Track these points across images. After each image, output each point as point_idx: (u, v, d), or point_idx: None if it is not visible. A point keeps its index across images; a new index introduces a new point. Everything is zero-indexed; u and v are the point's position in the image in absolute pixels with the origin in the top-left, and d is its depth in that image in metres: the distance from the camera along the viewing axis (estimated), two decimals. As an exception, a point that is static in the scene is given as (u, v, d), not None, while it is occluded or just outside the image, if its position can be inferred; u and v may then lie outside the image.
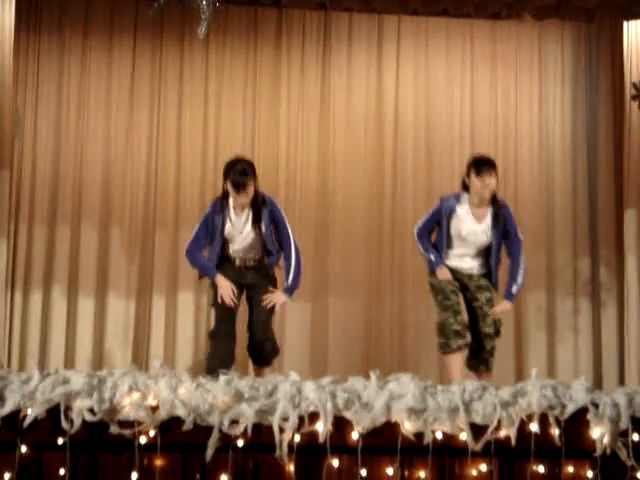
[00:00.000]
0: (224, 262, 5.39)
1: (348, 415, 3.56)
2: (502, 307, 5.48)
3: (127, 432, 3.47)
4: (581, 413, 3.66)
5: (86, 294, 7.05)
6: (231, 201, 5.40)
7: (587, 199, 7.44)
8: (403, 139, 7.46)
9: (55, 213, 7.11)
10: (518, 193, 7.44)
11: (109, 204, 7.17)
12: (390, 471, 3.55)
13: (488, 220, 5.45)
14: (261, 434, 3.53)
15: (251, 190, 5.32)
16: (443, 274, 5.41)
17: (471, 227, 5.45)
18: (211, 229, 5.40)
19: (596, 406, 3.71)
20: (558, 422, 3.59)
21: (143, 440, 3.48)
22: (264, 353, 5.38)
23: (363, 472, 3.54)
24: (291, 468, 3.52)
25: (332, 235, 7.30)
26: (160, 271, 7.12)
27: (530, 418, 3.58)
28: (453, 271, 5.48)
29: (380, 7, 7.10)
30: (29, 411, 3.43)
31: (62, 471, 3.42)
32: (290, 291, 5.34)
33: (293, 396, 3.56)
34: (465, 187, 5.51)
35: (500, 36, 7.53)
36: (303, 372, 4.95)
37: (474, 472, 3.56)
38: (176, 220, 7.18)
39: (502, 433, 3.54)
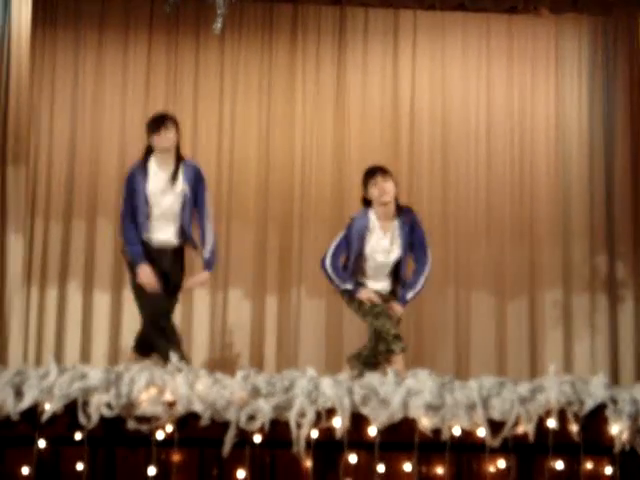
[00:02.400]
0: None
1: (365, 411, 3.55)
2: (395, 308, 5.35)
3: (144, 427, 3.47)
4: (600, 409, 3.64)
5: (102, 289, 7.06)
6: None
7: (604, 195, 7.40)
8: (419, 135, 7.44)
9: (71, 208, 7.12)
10: (534, 189, 7.41)
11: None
12: (408, 467, 3.54)
13: (396, 232, 5.35)
14: (278, 430, 3.52)
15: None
16: (366, 294, 5.27)
17: (381, 244, 5.34)
18: None
19: (615, 402, 3.68)
20: (577, 418, 3.57)
21: (160, 435, 3.48)
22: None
23: (381, 468, 3.53)
24: (308, 464, 3.51)
25: (348, 230, 7.28)
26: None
27: (548, 414, 3.56)
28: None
29: (396, 2, 7.08)
30: (47, 406, 3.43)
31: (80, 466, 3.43)
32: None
33: (310, 392, 3.55)
34: (366, 203, 5.39)
35: (517, 30, 7.50)
36: (319, 368, 4.96)
37: (492, 468, 3.54)
38: (191, 215, 7.18)
39: (520, 429, 3.53)
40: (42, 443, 3.43)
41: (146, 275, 5.10)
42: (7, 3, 6.92)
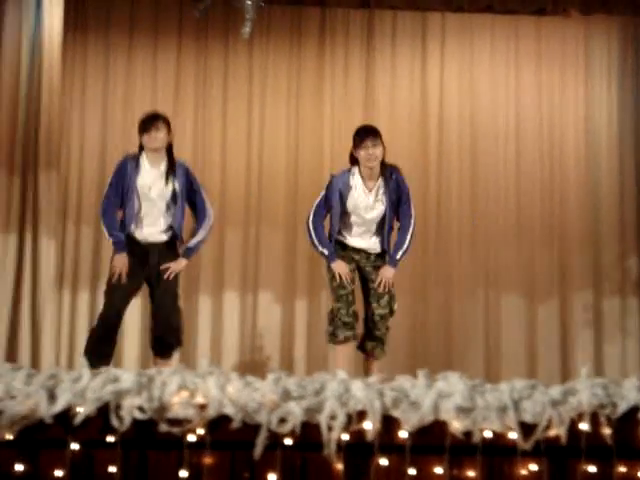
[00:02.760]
0: None
1: (396, 414, 3.53)
2: (384, 272, 5.31)
3: (176, 430, 3.48)
4: (633, 412, 3.61)
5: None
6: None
7: (635, 197, 7.37)
8: (447, 137, 7.44)
9: (102, 212, 7.17)
10: (564, 191, 7.39)
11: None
12: (439, 470, 3.53)
13: (380, 190, 5.33)
14: (309, 432, 3.52)
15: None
16: (340, 268, 5.27)
17: (364, 201, 5.32)
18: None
19: (648, 405, 3.66)
20: (609, 421, 3.54)
21: (192, 438, 3.49)
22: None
23: (411, 471, 3.52)
24: (339, 467, 3.50)
25: (377, 234, 7.28)
26: (206, 270, 7.16)
27: (581, 417, 3.54)
28: (352, 250, 5.36)
29: (424, 5, 7.09)
30: (80, 409, 3.45)
31: (112, 469, 3.44)
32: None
33: (341, 395, 3.54)
34: (353, 161, 5.37)
35: (545, 32, 7.48)
36: (349, 370, 4.96)
37: (524, 472, 3.52)
38: (221, 219, 7.19)
39: (552, 432, 3.50)
40: (75, 446, 3.45)
41: (121, 264, 5.17)
42: (39, 8, 6.99)
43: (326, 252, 5.32)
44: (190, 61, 7.36)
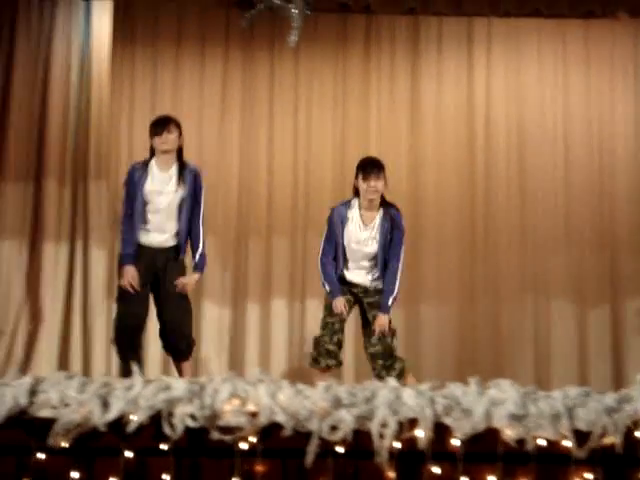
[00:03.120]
0: None
1: (448, 421, 3.51)
2: (379, 322, 5.37)
3: (228, 438, 3.50)
4: (689, 419, 3.56)
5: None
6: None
7: (689, 199, 7.25)
8: (495, 142, 7.39)
9: (149, 222, 7.22)
10: (614, 195, 7.31)
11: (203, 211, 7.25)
12: (491, 478, 3.50)
13: (376, 227, 5.40)
14: (360, 440, 3.51)
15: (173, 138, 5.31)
16: (337, 307, 5.37)
17: (359, 235, 5.39)
18: None
19: None
20: (665, 429, 3.49)
21: (244, 446, 3.50)
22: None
23: (464, 479, 3.50)
24: (391, 475, 3.49)
25: (424, 240, 7.26)
26: (254, 277, 7.18)
27: (636, 425, 3.49)
28: (350, 284, 5.45)
29: (471, 10, 7.02)
30: (133, 417, 3.48)
31: (166, 476, 3.47)
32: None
33: (392, 402, 3.53)
34: (357, 192, 5.46)
35: (594, 35, 7.40)
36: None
37: (578, 480, 3.49)
38: (269, 227, 7.24)
39: (607, 440, 3.46)
40: (129, 454, 3.48)
41: (130, 277, 5.23)
42: (88, 20, 7.09)
43: (328, 289, 5.43)
44: (237, 69, 7.39)
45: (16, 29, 6.93)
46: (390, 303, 5.39)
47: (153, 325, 5.60)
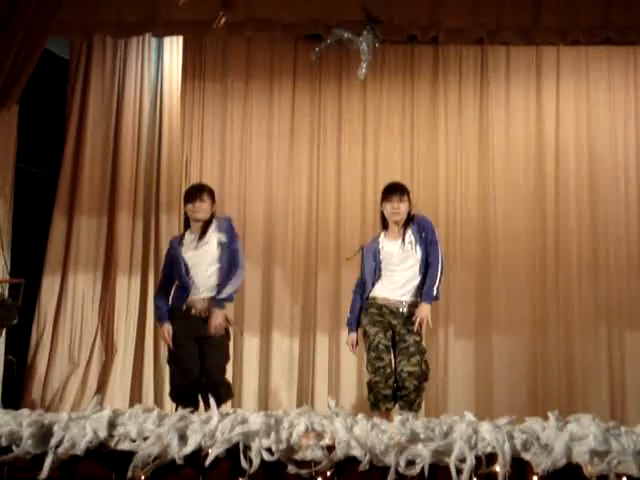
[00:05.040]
0: None
1: (527, 457, 3.45)
2: (420, 312, 5.25)
3: (304, 472, 3.49)
4: None
5: (251, 332, 7.19)
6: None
7: None
8: (565, 171, 7.32)
9: (221, 254, 7.28)
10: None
11: (272, 244, 7.31)
12: (573, 515, 3.43)
13: (407, 236, 5.38)
14: (438, 475, 3.47)
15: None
16: (350, 342, 5.46)
17: (390, 248, 5.39)
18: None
19: None
20: None
21: (320, 480, 3.49)
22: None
23: (544, 516, 3.44)
24: (469, 510, 3.44)
25: (494, 270, 7.20)
26: (323, 309, 7.19)
27: None
28: (382, 305, 5.33)
29: (539, 39, 6.94)
30: (210, 450, 3.49)
31: (243, 510, 3.47)
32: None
33: (470, 436, 3.48)
34: (385, 224, 5.49)
35: (664, 62, 7.31)
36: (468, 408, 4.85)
37: (662, 518, 3.40)
38: (337, 258, 7.25)
39: (693, 477, 3.37)
40: (206, 487, 3.50)
41: (165, 333, 5.36)
42: (160, 56, 7.23)
43: (347, 320, 5.54)
44: (305, 102, 7.46)
45: (90, 67, 7.08)
46: (435, 293, 5.28)
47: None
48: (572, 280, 7.17)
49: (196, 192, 5.45)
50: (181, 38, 7.27)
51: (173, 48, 7.26)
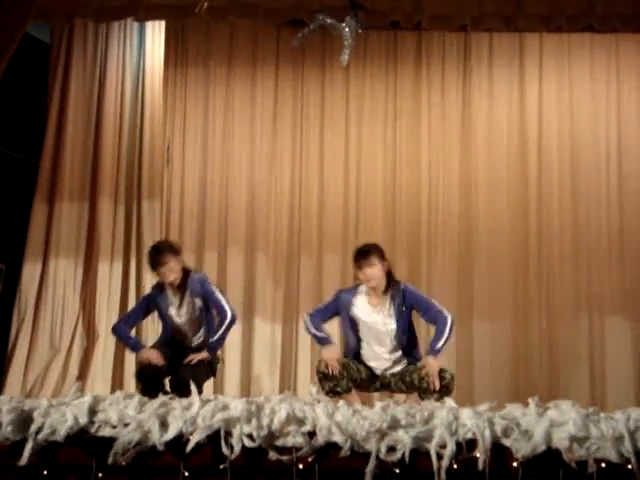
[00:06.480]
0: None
1: (507, 443, 3.47)
2: (430, 367, 4.85)
3: (285, 458, 3.49)
4: None
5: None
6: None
7: None
8: (547, 158, 7.33)
9: (203, 240, 7.27)
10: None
11: (254, 230, 7.29)
12: (551, 501, 3.45)
13: (388, 306, 5.03)
14: (419, 461, 3.49)
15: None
16: (327, 355, 4.98)
17: (372, 318, 5.05)
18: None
19: None
20: None
21: (301, 466, 3.49)
22: None
23: (523, 501, 3.45)
24: (450, 496, 3.45)
25: (476, 258, 7.21)
26: (306, 295, 7.18)
27: (701, 446, 3.43)
28: (372, 369, 5.05)
29: (522, 26, 6.96)
30: (191, 437, 3.49)
31: (224, 496, 3.47)
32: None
33: (450, 423, 3.50)
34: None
35: (647, 49, 7.32)
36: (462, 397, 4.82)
37: (641, 503, 3.42)
38: (320, 244, 7.25)
39: (671, 462, 3.39)
40: (186, 473, 3.49)
41: (147, 354, 5.24)
42: (141, 42, 7.19)
43: (318, 335, 5.13)
44: (288, 88, 7.43)
45: (71, 51, 7.04)
46: (440, 346, 4.88)
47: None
48: (554, 267, 7.19)
49: (156, 257, 5.27)
50: (163, 23, 7.24)
51: (155, 33, 7.23)
